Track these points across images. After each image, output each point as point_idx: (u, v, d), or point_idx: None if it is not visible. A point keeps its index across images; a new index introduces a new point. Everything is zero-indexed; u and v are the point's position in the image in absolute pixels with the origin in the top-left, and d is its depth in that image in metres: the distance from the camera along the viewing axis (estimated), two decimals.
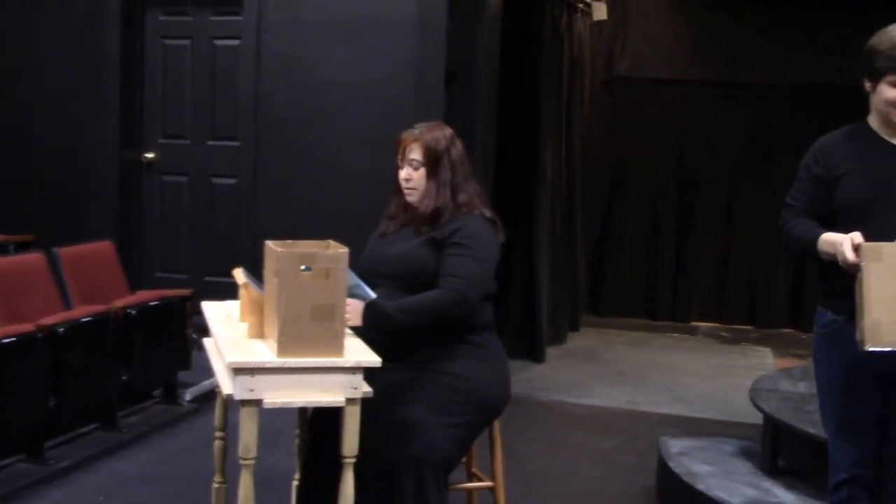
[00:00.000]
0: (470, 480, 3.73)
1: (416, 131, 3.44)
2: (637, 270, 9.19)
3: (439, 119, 4.45)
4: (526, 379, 6.76)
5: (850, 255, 2.88)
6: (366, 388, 2.95)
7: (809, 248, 3.09)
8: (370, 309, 3.24)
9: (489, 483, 3.63)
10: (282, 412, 3.04)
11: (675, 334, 8.68)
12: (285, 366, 2.87)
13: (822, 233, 3.06)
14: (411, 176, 3.41)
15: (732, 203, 8.97)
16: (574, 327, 8.37)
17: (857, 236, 2.90)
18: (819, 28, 8.14)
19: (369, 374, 2.98)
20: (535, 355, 7.26)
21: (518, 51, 7.10)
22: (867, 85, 3.11)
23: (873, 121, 3.16)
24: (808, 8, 8.15)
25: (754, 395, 4.62)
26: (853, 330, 2.95)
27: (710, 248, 8.99)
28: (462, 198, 3.41)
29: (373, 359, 2.96)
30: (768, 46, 8.34)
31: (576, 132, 8.13)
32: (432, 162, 3.40)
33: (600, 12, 8.30)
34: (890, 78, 3.01)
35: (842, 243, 2.92)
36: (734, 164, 8.82)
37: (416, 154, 3.40)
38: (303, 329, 2.88)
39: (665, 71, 8.92)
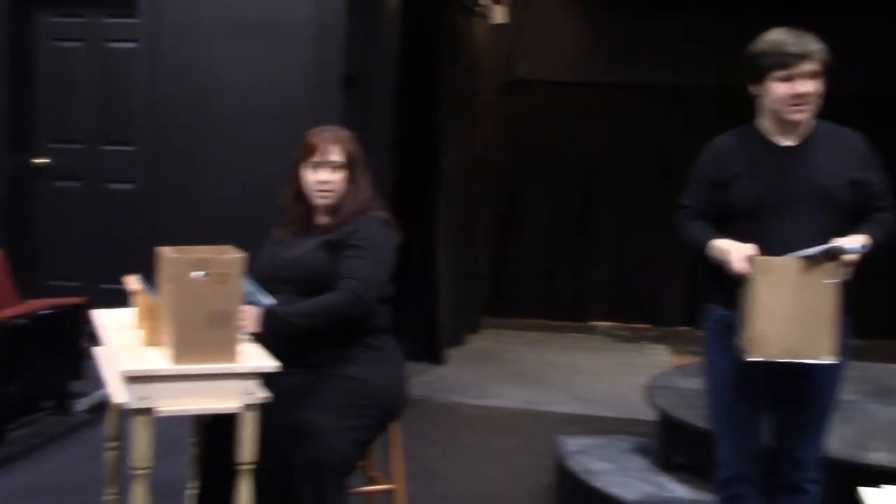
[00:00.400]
0: (369, 484, 3.74)
1: (331, 133, 3.44)
2: (536, 271, 9.28)
3: (337, 123, 4.45)
4: (426, 381, 6.78)
5: (741, 267, 2.99)
6: (262, 394, 2.94)
7: (701, 251, 3.19)
8: (267, 315, 3.22)
9: (388, 486, 3.64)
10: (178, 420, 3.01)
11: (574, 334, 8.79)
12: (179, 373, 2.85)
13: (713, 238, 3.16)
14: (331, 178, 3.39)
15: (630, 203, 9.11)
16: (474, 329, 8.42)
17: (751, 248, 3.01)
18: (707, 31, 8.33)
19: (267, 379, 2.97)
20: (435, 357, 7.29)
21: (417, 54, 7.12)
22: (754, 88, 3.20)
23: (763, 123, 3.24)
24: (698, 11, 8.32)
25: (650, 393, 4.72)
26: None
27: (608, 249, 9.13)
28: (361, 199, 3.43)
29: (269, 364, 2.95)
30: (663, 49, 8.50)
31: (475, 135, 8.19)
32: (353, 164, 3.41)
33: (499, 15, 8.38)
34: (777, 74, 3.10)
35: (731, 252, 3.03)
36: (632, 165, 8.96)
37: (336, 156, 3.39)
38: (198, 335, 2.86)
39: (563, 73, 9.04)
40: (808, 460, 3.32)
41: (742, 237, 3.11)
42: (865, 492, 2.26)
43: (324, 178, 3.38)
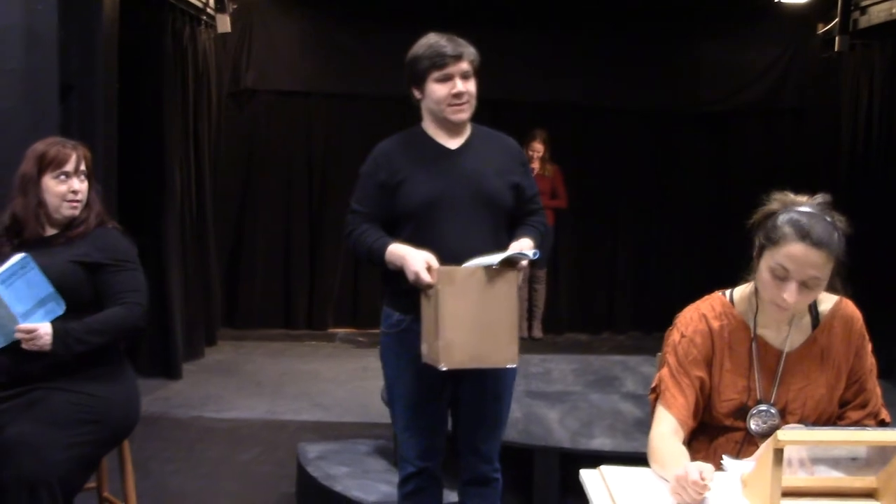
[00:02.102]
0: None
1: (72, 144, 3.37)
2: (272, 281, 9.22)
3: (56, 134, 4.27)
4: (162, 397, 6.60)
5: (424, 277, 3.04)
6: None
7: (377, 256, 3.22)
8: (61, 333, 3.13)
9: None
10: None
11: (314, 342, 8.80)
12: None
13: (389, 243, 3.20)
14: (80, 188, 3.32)
15: None
16: (211, 341, 8.26)
17: (431, 258, 3.08)
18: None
19: None
20: (171, 372, 7.11)
21: (139, 63, 6.94)
22: (416, 94, 3.31)
23: (427, 126, 3.35)
24: (424, 23, 8.53)
25: (384, 394, 4.79)
26: (420, 329, 3.14)
27: (343, 256, 9.18)
28: (97, 210, 3.39)
29: None
30: (388, 59, 8.56)
31: (204, 145, 8.04)
32: (91, 173, 3.38)
33: (224, 25, 8.26)
34: (435, 75, 3.23)
35: (413, 263, 3.08)
36: (356, 173, 9.02)
37: (83, 165, 3.33)
38: None
39: (291, 83, 9.06)
40: (492, 452, 3.48)
41: (412, 239, 3.18)
42: (585, 473, 2.40)
43: (76, 188, 3.31)
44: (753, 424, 2.54)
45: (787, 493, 2.13)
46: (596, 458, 2.60)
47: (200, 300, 7.91)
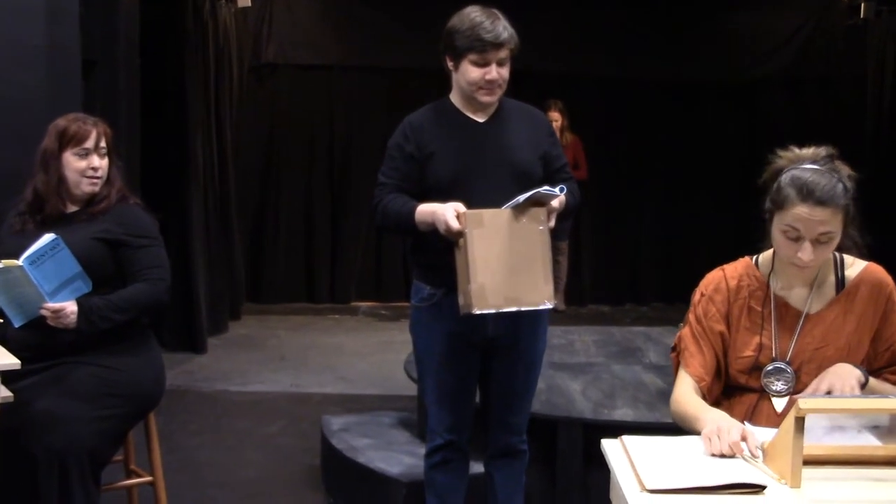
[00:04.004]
0: (129, 478, 3.65)
1: (92, 120, 3.39)
2: (295, 255, 9.27)
3: (79, 110, 4.28)
4: (187, 371, 6.66)
5: (453, 223, 3.01)
6: (3, 393, 2.82)
7: (406, 220, 3.19)
8: (87, 311, 3.16)
9: (148, 478, 3.57)
10: None
11: (336, 316, 8.84)
12: None
13: (418, 204, 3.18)
14: (100, 164, 3.35)
15: None
16: (235, 316, 8.31)
17: (459, 205, 3.05)
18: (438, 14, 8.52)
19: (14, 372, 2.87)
20: (196, 346, 7.17)
21: (161, 39, 6.95)
22: (450, 64, 3.29)
23: (456, 98, 3.33)
24: None
25: (408, 367, 4.81)
26: (451, 302, 3.11)
27: (365, 230, 9.20)
28: (119, 187, 3.41)
29: (9, 361, 2.83)
30: (411, 32, 8.55)
31: (226, 120, 8.06)
32: (112, 149, 3.40)
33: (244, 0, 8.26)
34: (471, 57, 3.20)
35: (444, 212, 3.04)
36: (382, 146, 9.02)
37: (103, 142, 3.35)
38: None
39: (311, 57, 9.06)
40: (521, 424, 3.49)
41: None
42: (606, 443, 2.40)
43: (96, 165, 3.33)
44: (767, 382, 2.56)
45: (809, 462, 2.13)
46: (618, 429, 2.60)
47: (224, 275, 7.96)
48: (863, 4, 8.35)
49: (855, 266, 2.59)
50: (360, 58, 9.02)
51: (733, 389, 2.64)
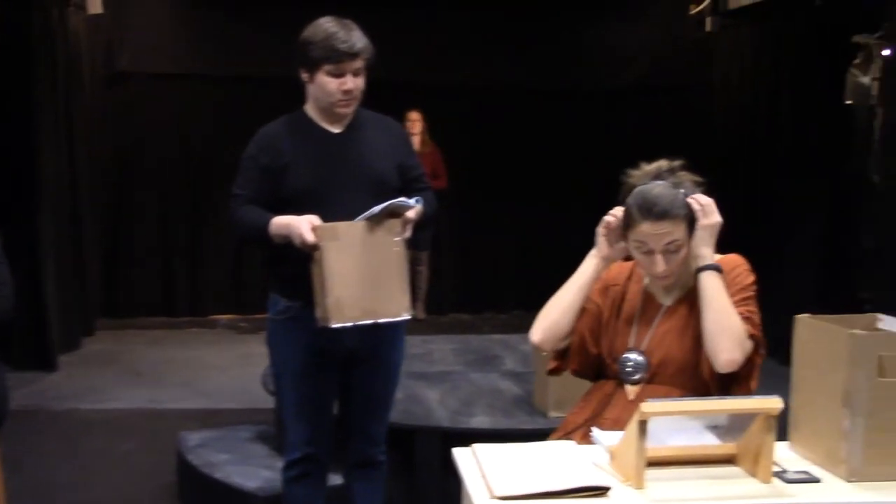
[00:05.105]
0: None
1: None
2: (153, 268, 9.07)
3: None
4: (38, 390, 6.43)
5: (308, 236, 3.01)
6: None
7: (261, 233, 3.17)
8: None
9: None
10: None
11: (195, 329, 8.69)
12: None
13: (272, 217, 3.16)
14: None
15: None
16: (89, 331, 8.07)
17: (314, 218, 3.05)
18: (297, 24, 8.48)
19: None
20: (47, 364, 6.93)
21: (7, 49, 6.73)
22: (304, 76, 3.28)
23: (311, 110, 3.33)
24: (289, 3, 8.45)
25: (265, 381, 4.77)
26: (309, 315, 3.10)
27: (224, 241, 9.01)
28: None
29: None
30: (265, 40, 8.44)
31: (78, 130, 7.84)
32: None
33: (95, 6, 8.04)
34: (327, 68, 3.20)
35: (298, 225, 3.03)
36: (240, 156, 8.90)
37: None
38: None
39: (167, 66, 8.88)
40: (380, 435, 3.51)
41: None
42: (457, 452, 2.43)
43: None
44: (621, 370, 2.70)
45: (652, 463, 2.19)
46: (476, 437, 2.63)
47: (77, 290, 7.73)
48: (708, 19, 8.67)
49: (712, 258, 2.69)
50: (217, 67, 8.88)
51: (599, 377, 2.80)
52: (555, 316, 2.77)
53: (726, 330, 2.53)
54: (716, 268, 2.59)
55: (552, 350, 2.83)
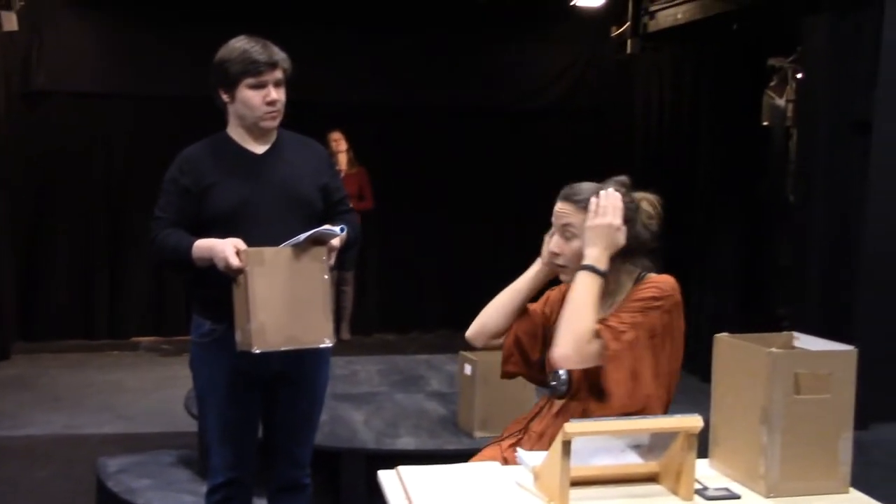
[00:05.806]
0: None
1: None
2: (71, 289, 8.87)
3: None
4: None
5: (233, 261, 2.99)
6: None
7: (184, 256, 3.14)
8: None
9: None
10: None
11: (116, 352, 8.53)
12: None
13: (195, 240, 3.13)
14: None
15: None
16: (4, 355, 7.89)
17: (238, 242, 3.03)
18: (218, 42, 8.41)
19: None
20: None
21: None
22: (224, 97, 3.26)
23: (234, 131, 3.30)
24: (222, 22, 8.38)
25: (188, 404, 4.71)
26: (233, 338, 3.07)
27: (145, 262, 8.86)
28: None
29: None
30: (182, 61, 8.33)
31: None
32: None
33: (10, 23, 7.87)
34: (248, 81, 3.18)
35: (223, 249, 3.02)
36: (162, 177, 8.77)
37: None
38: None
39: (84, 84, 8.72)
40: (304, 458, 3.48)
41: None
42: (383, 474, 2.41)
43: None
44: (550, 381, 2.79)
45: (576, 482, 2.20)
46: (401, 458, 2.63)
47: None
48: (629, 41, 8.80)
49: (648, 279, 2.73)
50: (136, 86, 8.74)
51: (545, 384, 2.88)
52: (489, 312, 2.89)
53: (570, 326, 2.61)
54: (592, 269, 2.64)
55: (483, 346, 2.93)
